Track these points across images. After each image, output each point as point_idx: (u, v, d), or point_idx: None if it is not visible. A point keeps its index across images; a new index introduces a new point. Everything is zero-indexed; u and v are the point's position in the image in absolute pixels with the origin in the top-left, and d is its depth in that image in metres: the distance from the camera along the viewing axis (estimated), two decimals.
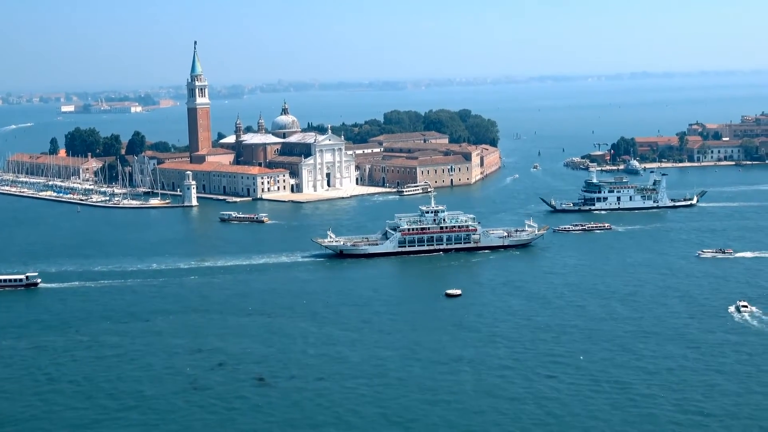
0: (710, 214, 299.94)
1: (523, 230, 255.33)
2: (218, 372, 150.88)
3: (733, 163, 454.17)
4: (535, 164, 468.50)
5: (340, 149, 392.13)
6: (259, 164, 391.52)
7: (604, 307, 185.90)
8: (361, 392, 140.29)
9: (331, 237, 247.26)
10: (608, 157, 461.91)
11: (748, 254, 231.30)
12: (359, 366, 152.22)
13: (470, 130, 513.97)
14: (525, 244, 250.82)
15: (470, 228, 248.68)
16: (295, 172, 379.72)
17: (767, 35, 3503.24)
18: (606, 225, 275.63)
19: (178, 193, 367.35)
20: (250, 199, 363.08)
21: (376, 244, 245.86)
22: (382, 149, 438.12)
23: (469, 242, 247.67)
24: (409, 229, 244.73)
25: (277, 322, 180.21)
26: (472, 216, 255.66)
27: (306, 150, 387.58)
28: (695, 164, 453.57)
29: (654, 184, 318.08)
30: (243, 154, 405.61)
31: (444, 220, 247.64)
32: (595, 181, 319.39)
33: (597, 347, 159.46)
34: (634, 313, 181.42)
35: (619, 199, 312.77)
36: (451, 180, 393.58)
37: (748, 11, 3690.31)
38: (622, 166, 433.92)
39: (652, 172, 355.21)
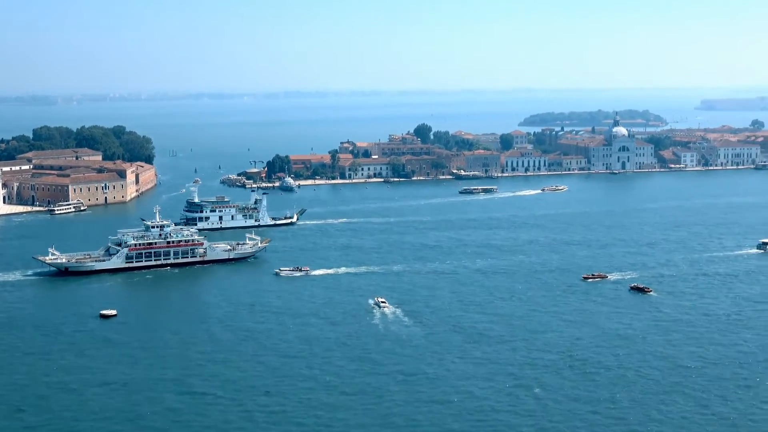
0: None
1: (245, 243, 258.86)
2: None
3: (382, 180, 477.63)
4: (197, 179, 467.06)
5: None
6: None
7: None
8: None
9: (54, 254, 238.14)
10: (263, 174, 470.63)
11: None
12: None
13: (125, 147, 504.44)
14: (249, 256, 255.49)
15: (196, 242, 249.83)
16: None
17: (411, 58, 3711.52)
18: None
19: None
20: None
21: (102, 260, 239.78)
22: (31, 166, 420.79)
23: (196, 256, 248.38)
24: (136, 245, 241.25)
25: None
26: (195, 230, 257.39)
27: None
28: (347, 181, 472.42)
29: (255, 203, 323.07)
30: None
31: (170, 234, 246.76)
32: (196, 200, 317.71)
33: (259, 362, 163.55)
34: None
35: (221, 218, 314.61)
36: (106, 198, 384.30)
37: (382, 32, 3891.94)
38: (277, 183, 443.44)
39: (253, 191, 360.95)
